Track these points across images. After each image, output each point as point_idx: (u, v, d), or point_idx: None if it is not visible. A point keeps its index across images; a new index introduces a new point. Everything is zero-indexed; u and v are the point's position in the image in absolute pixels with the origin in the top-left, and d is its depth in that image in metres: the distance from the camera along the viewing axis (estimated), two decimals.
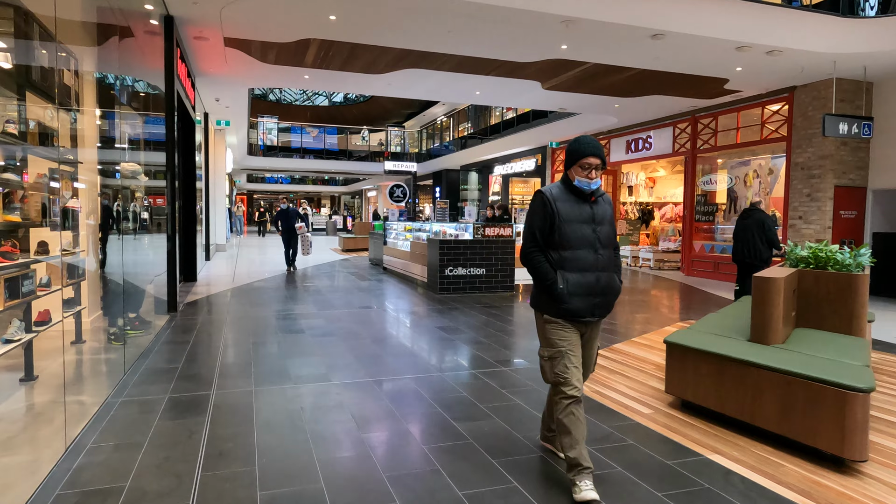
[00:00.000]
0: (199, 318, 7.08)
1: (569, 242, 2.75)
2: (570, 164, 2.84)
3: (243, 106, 13.85)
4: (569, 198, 2.80)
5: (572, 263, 2.76)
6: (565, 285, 2.74)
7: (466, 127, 27.35)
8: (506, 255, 9.72)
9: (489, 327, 6.81)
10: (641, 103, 12.19)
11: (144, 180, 6.14)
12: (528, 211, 2.89)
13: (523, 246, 2.88)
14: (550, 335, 2.81)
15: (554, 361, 2.78)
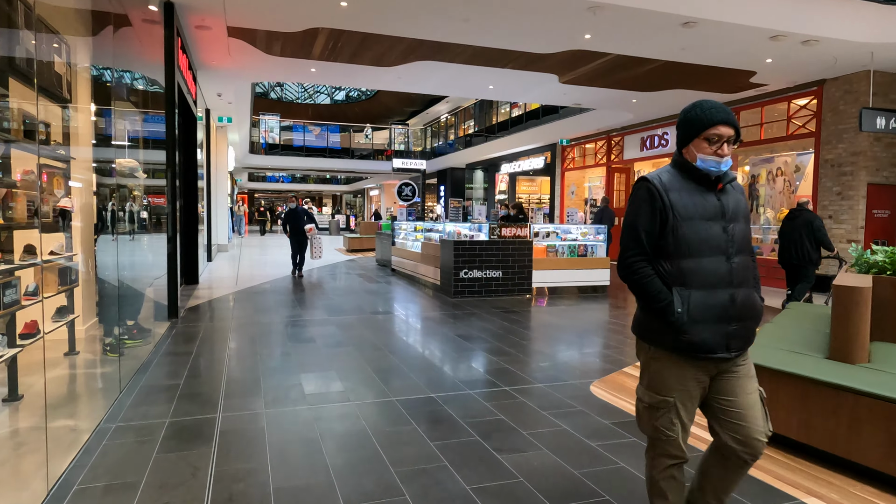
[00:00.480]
0: (202, 326, 6.62)
1: (690, 248, 1.99)
2: (688, 137, 2.06)
3: (246, 102, 13.38)
4: (686, 186, 2.04)
5: (696, 277, 1.99)
6: (685, 308, 1.97)
7: (471, 125, 26.89)
8: (523, 257, 9.26)
9: (512, 335, 6.35)
10: (660, 98, 11.72)
11: (143, 178, 5.67)
12: (629, 207, 2.13)
13: (622, 254, 2.10)
14: (657, 376, 2.07)
15: (656, 412, 2.07)
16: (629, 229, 2.09)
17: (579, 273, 9.64)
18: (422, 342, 6.10)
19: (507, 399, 4.09)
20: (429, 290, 9.88)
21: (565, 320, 7.42)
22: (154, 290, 6.92)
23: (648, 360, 2.11)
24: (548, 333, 6.65)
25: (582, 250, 9.73)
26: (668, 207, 2.00)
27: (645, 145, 14.72)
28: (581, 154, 17.71)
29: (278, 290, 9.52)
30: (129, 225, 7.63)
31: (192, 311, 7.57)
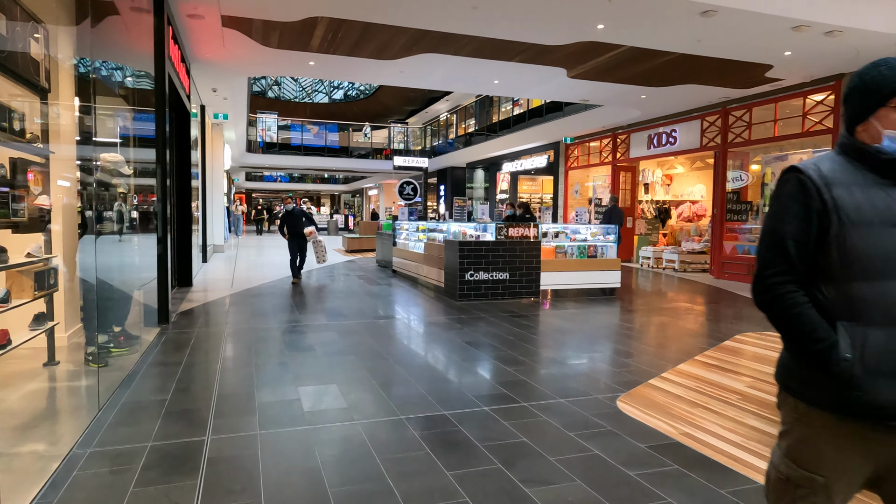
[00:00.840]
0: (194, 332, 6.22)
1: (865, 266, 1.39)
2: (867, 109, 1.47)
3: (242, 98, 12.97)
4: (859, 178, 1.44)
5: (874, 309, 1.38)
6: (858, 353, 1.37)
7: (470, 124, 26.52)
8: (531, 258, 8.87)
9: (524, 342, 5.96)
10: (670, 94, 11.34)
11: (129, 172, 5.27)
12: (771, 207, 1.53)
13: (759, 273, 1.51)
14: (805, 444, 1.48)
15: (795, 492, 1.47)
16: (770, 237, 1.50)
17: (589, 275, 9.26)
18: (428, 350, 5.70)
19: (527, 417, 3.71)
20: (432, 292, 9.48)
21: (578, 325, 7.04)
22: (144, 294, 6.52)
23: (794, 421, 1.51)
24: (561, 340, 6.26)
25: (592, 251, 9.35)
26: (830, 208, 1.41)
27: (652, 143, 14.35)
28: (585, 152, 17.34)
29: (275, 293, 9.12)
30: (117, 225, 7.24)
31: (184, 316, 7.17)
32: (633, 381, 4.55)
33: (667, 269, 13.93)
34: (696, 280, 12.04)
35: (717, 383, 4.53)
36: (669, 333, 6.53)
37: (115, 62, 5.67)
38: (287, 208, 10.39)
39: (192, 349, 5.47)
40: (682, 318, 7.57)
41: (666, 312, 7.98)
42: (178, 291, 9.14)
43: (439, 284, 9.39)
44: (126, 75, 6.15)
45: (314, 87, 43.15)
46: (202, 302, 8.23)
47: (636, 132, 14.94)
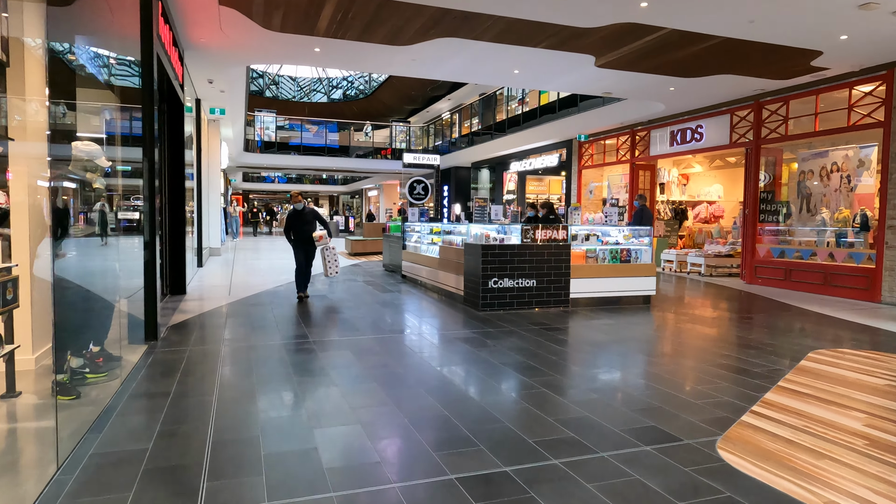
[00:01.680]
0: (187, 351, 5.37)
1: None
2: None
3: (241, 91, 12.12)
4: None
5: None
6: None
7: (473, 123, 25.72)
8: (560, 264, 8.04)
9: (570, 363, 5.13)
10: (701, 86, 10.54)
11: (106, 165, 4.43)
12: None
13: None
14: None
15: None
16: None
17: (622, 282, 8.44)
18: (462, 375, 4.86)
19: (614, 475, 2.87)
20: (450, 300, 8.64)
21: (622, 340, 6.21)
22: (129, 305, 5.66)
23: None
24: (610, 360, 5.43)
25: (625, 255, 8.53)
26: None
27: (675, 140, 13.54)
28: (600, 150, 16.53)
29: (278, 302, 8.26)
30: (99, 227, 6.46)
31: (175, 330, 6.31)
32: (724, 419, 3.71)
33: (691, 273, 13.12)
34: (728, 285, 11.23)
35: (826, 421, 3.69)
36: (731, 351, 5.70)
37: (96, 44, 4.83)
38: (295, 207, 8.45)
39: (184, 374, 4.62)
40: (736, 330, 6.74)
41: (714, 324, 7.15)
42: (171, 300, 8.28)
43: (457, 292, 8.55)
44: (109, 62, 5.30)
45: (312, 87, 42.42)
46: (196, 313, 7.37)
47: (657, 128, 14.13)
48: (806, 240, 10.78)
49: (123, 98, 5.74)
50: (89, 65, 4.66)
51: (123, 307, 5.56)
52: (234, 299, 8.52)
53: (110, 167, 4.85)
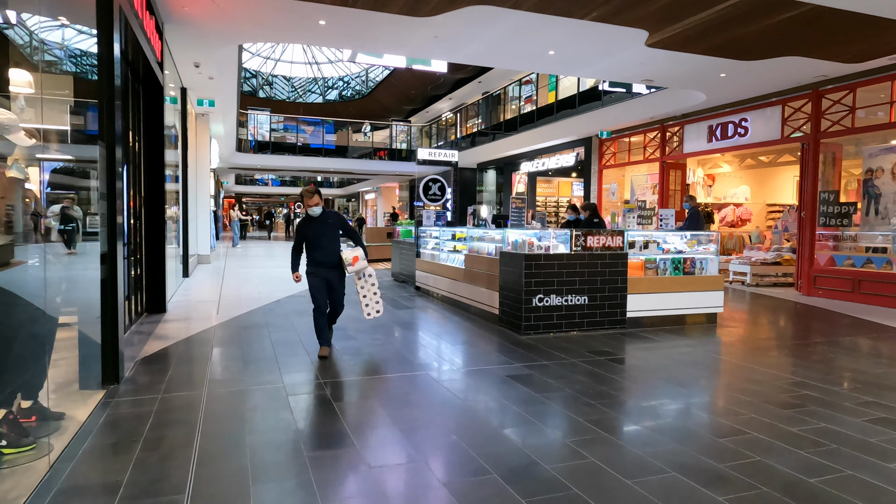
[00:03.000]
0: (156, 401, 3.97)
1: None
2: None
3: (232, 77, 10.72)
4: None
5: None
6: None
7: (475, 123, 24.44)
8: (615, 276, 6.70)
9: (674, 416, 3.78)
10: (756, 71, 9.25)
11: (28, 143, 3.04)
12: None
13: None
14: None
15: None
16: None
17: (685, 297, 7.11)
18: (536, 440, 3.48)
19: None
20: (482, 321, 7.27)
21: (716, 375, 4.86)
22: (81, 338, 4.28)
23: None
24: (711, 404, 4.08)
25: (688, 265, 7.20)
26: None
27: (714, 135, 12.26)
28: (623, 149, 15.24)
29: (276, 323, 6.87)
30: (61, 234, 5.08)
31: (147, 366, 4.91)
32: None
33: (734, 283, 11.82)
34: (783, 297, 9.93)
35: None
36: (872, 395, 4.37)
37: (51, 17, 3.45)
38: (311, 212, 5.33)
39: (147, 446, 3.23)
40: (847, 360, 5.41)
41: (814, 352, 5.82)
42: (147, 321, 6.88)
43: (490, 310, 7.18)
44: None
45: (307, 88, 41.17)
46: (176, 339, 5.96)
47: (692, 123, 12.85)
48: (877, 246, 9.50)
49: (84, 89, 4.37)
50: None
51: (72, 340, 4.19)
52: (224, 319, 7.12)
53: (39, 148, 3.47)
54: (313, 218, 5.34)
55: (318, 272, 5.34)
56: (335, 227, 5.41)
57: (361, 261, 5.38)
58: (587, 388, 4.44)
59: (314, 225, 5.34)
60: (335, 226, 5.42)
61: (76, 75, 4.71)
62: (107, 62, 4.19)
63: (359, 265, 5.38)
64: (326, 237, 5.33)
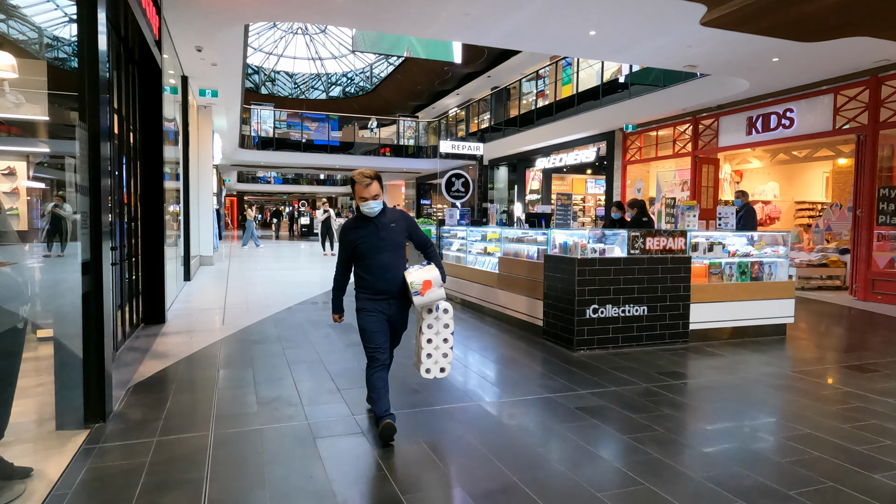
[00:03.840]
0: (151, 450, 3.14)
1: None
2: None
3: (237, 64, 9.88)
4: None
5: None
6: None
7: (484, 119, 23.59)
8: (677, 283, 5.87)
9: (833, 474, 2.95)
10: (814, 54, 8.41)
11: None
12: None
13: None
14: None
15: None
16: None
17: (752, 306, 6.27)
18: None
19: None
20: (524, 333, 6.44)
21: (805, 401, 4.03)
22: (59, 366, 3.46)
23: None
24: (838, 448, 3.24)
25: (756, 270, 6.36)
26: None
27: (755, 127, 11.40)
28: (649, 143, 14.39)
29: (290, 337, 6.04)
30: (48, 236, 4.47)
31: (140, 396, 4.09)
32: None
33: None
34: (838, 302, 9.09)
35: None
36: None
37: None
38: (364, 209, 3.43)
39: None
40: None
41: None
42: (144, 333, 6.05)
43: (531, 321, 6.35)
44: None
45: (310, 84, 40.45)
46: (175, 358, 5.13)
47: (729, 115, 11.99)
48: None
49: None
50: None
51: (56, 354, 3.39)
52: (230, 331, 6.29)
53: None
54: (368, 220, 3.43)
55: (376, 306, 3.44)
56: (401, 234, 3.49)
57: (436, 287, 3.39)
58: (678, 426, 3.61)
59: (370, 230, 3.41)
60: (401, 231, 3.49)
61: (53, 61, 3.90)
62: (88, 15, 3.34)
63: (431, 294, 3.38)
64: (389, 251, 3.43)
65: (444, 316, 3.53)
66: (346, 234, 3.49)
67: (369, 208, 3.38)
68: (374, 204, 3.38)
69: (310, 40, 38.22)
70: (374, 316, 3.44)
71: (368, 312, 3.45)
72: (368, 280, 3.44)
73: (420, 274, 3.39)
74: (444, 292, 3.43)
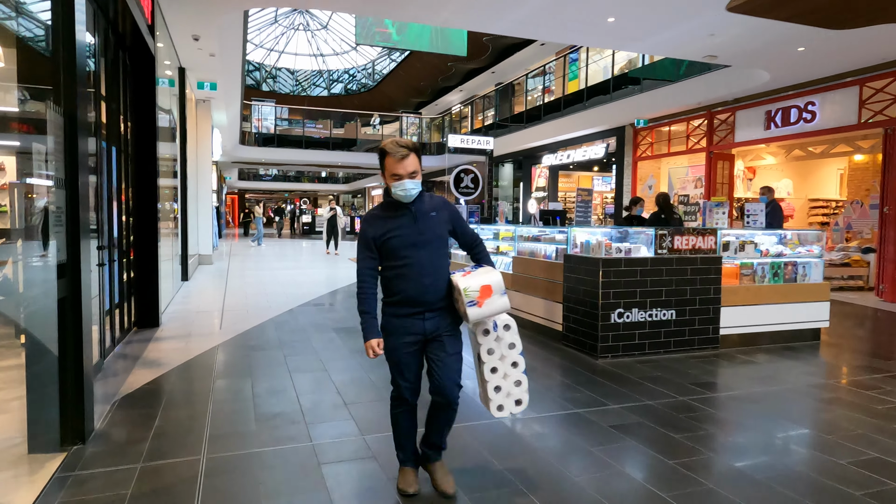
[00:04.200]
0: (134, 479, 2.75)
1: None
2: None
3: (236, 54, 9.47)
4: None
5: None
6: None
7: (489, 115, 23.18)
8: (707, 285, 5.46)
9: None
10: (842, 44, 7.99)
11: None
12: None
13: None
14: None
15: None
16: None
17: (785, 309, 5.86)
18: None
19: None
20: (541, 339, 6.04)
21: (867, 417, 3.62)
22: (32, 382, 3.07)
23: None
24: None
25: (789, 272, 5.95)
26: None
27: (773, 122, 10.98)
28: (661, 139, 13.97)
29: (292, 343, 5.65)
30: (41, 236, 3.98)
31: (126, 411, 3.69)
32: None
33: None
34: (865, 304, 8.69)
35: None
36: None
37: None
38: (401, 191, 2.51)
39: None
40: None
41: None
42: (136, 338, 5.66)
43: (550, 325, 5.95)
44: None
45: (312, 81, 40.09)
46: (168, 366, 4.74)
47: (746, 109, 11.57)
48: None
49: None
50: None
51: (29, 363, 3.01)
52: (228, 335, 5.90)
53: None
54: (401, 207, 2.55)
55: (408, 325, 2.56)
56: (444, 227, 2.61)
57: (497, 295, 2.55)
58: (727, 449, 3.21)
59: (405, 221, 2.54)
60: (443, 222, 2.60)
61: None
62: None
63: (492, 305, 2.54)
64: (431, 248, 2.56)
65: (507, 334, 2.68)
66: (371, 226, 2.55)
67: (405, 190, 2.47)
68: (412, 184, 2.47)
69: (311, 36, 37.81)
70: (403, 339, 2.55)
71: (397, 335, 2.55)
72: (400, 288, 2.52)
73: (476, 278, 2.53)
74: (507, 302, 2.59)
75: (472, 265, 2.69)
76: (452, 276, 2.59)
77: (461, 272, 2.60)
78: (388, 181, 2.51)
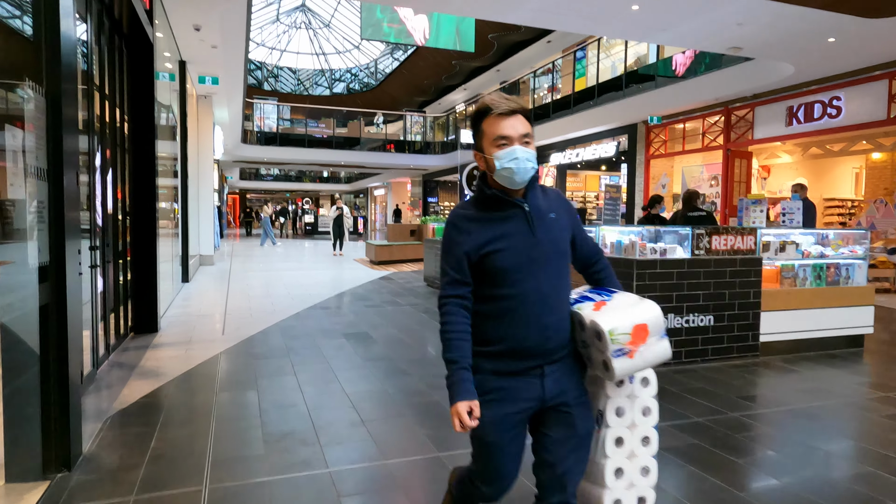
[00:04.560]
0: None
1: None
2: None
3: (239, 46, 9.09)
4: None
5: None
6: None
7: None
8: (746, 289, 5.08)
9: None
10: (870, 36, 7.61)
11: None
12: None
13: None
14: None
15: None
16: None
17: (826, 314, 5.47)
18: None
19: None
20: None
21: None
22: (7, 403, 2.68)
23: None
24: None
25: (832, 275, 5.56)
26: None
27: (795, 117, 10.59)
28: (675, 136, 13.58)
29: (301, 351, 5.26)
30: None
31: (119, 430, 3.31)
32: None
33: None
34: (891, 306, 8.31)
35: None
36: None
37: None
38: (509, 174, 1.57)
39: None
40: None
41: None
42: (133, 345, 5.28)
43: None
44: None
45: (314, 80, 39.80)
46: (166, 378, 4.35)
47: (766, 104, 11.18)
48: None
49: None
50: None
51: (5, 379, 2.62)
52: (232, 342, 5.51)
53: None
54: (506, 205, 1.64)
55: (515, 387, 1.64)
56: (564, 235, 1.72)
57: (655, 339, 1.67)
58: (802, 477, 2.82)
59: (517, 224, 1.63)
60: (564, 229, 1.72)
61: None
62: None
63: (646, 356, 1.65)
64: (548, 270, 1.64)
65: (644, 392, 1.84)
66: (463, 232, 1.63)
67: (516, 161, 1.57)
68: (525, 153, 1.58)
69: (313, 35, 37.48)
70: (507, 410, 1.64)
71: (500, 404, 1.63)
72: (507, 332, 1.63)
73: (621, 314, 1.65)
74: (670, 347, 1.73)
75: (590, 288, 1.84)
76: (573, 307, 1.72)
77: (585, 301, 1.73)
78: (490, 153, 1.59)
